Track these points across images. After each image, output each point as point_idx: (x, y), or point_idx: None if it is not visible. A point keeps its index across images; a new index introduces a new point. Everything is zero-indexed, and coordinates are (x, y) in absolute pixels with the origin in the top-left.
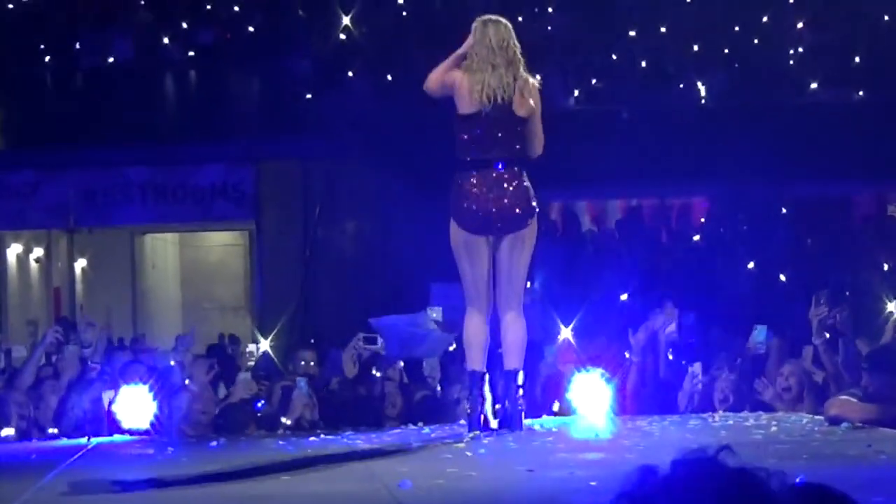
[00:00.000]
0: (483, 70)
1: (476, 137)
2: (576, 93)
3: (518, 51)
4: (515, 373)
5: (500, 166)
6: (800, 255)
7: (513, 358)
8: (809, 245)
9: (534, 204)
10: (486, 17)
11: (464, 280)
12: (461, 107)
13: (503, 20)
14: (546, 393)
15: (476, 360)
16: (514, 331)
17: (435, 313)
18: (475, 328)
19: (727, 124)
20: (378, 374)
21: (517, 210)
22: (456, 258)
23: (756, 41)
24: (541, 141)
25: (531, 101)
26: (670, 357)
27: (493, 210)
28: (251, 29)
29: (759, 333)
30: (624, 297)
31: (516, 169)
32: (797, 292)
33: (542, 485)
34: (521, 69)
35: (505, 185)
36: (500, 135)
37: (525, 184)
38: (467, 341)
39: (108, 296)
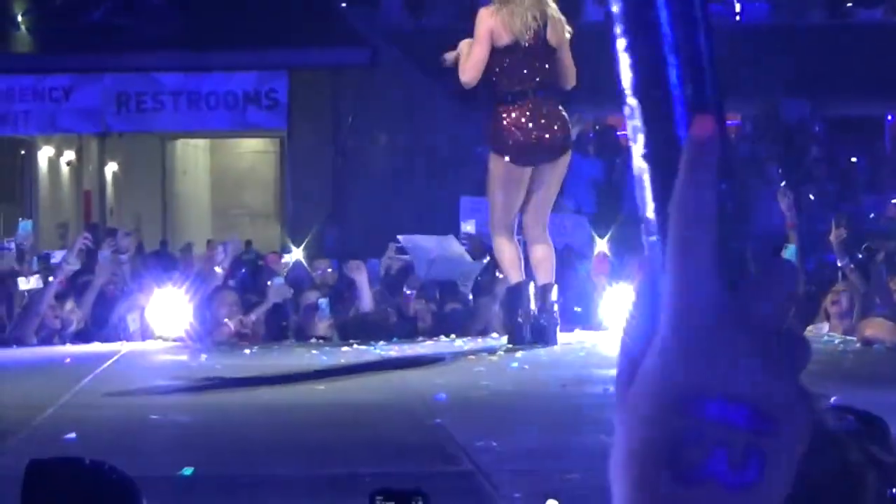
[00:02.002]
0: (515, 2)
1: (513, 68)
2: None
3: None
4: (549, 287)
5: (539, 94)
6: (832, 175)
7: (545, 273)
8: (842, 166)
9: (571, 132)
10: None
11: (495, 206)
12: (496, 40)
13: None
14: (579, 305)
15: (514, 274)
16: (544, 249)
17: (469, 226)
18: (510, 250)
19: (762, 43)
20: (408, 292)
21: (558, 138)
22: (491, 187)
23: None
24: (573, 73)
25: (562, 33)
26: None
27: (536, 140)
28: None
29: (788, 252)
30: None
31: (554, 98)
32: (824, 213)
33: (575, 402)
34: (551, 2)
35: (546, 115)
36: (536, 65)
37: (563, 112)
38: (504, 263)
39: (138, 201)
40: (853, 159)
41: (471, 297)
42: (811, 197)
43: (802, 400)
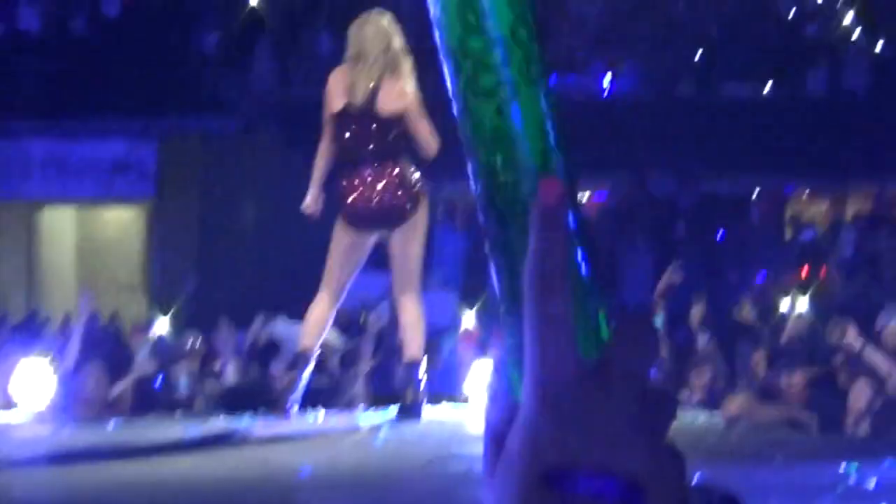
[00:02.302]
0: (352, 68)
1: (347, 134)
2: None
3: (399, 48)
4: (416, 363)
5: (374, 164)
6: (697, 251)
7: (413, 347)
8: (709, 241)
9: (416, 193)
10: (367, 14)
11: (328, 264)
12: (331, 105)
13: (385, 16)
14: (445, 381)
15: (306, 340)
16: (413, 321)
17: None
18: (318, 311)
19: (630, 116)
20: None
21: (397, 204)
22: (333, 248)
23: (662, 35)
24: (426, 142)
25: (399, 103)
26: None
27: (373, 207)
28: (157, 3)
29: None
30: None
31: (392, 164)
32: (691, 287)
33: (440, 479)
34: (401, 67)
35: (382, 182)
36: (368, 132)
37: (406, 176)
38: (306, 320)
39: (3, 269)
40: (720, 234)
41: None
42: (678, 271)
43: (673, 460)
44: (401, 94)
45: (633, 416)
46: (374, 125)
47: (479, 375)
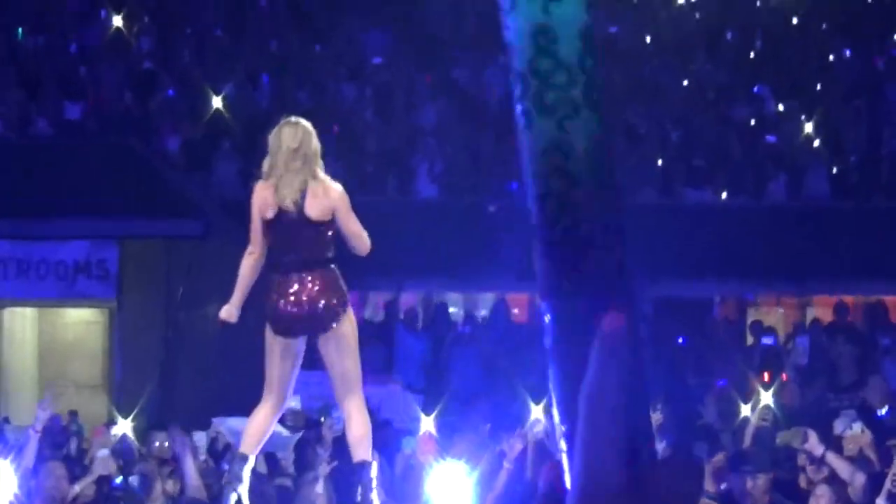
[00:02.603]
0: (276, 175)
1: (275, 241)
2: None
3: (317, 153)
4: (366, 465)
5: (300, 270)
6: (659, 355)
7: (361, 450)
8: (670, 346)
9: (339, 300)
10: (284, 121)
11: (267, 372)
12: (262, 214)
13: (302, 122)
14: (404, 484)
15: (247, 444)
16: (358, 423)
17: (294, 401)
18: (260, 416)
19: None
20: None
21: (322, 309)
22: (267, 352)
23: (624, 141)
24: (359, 239)
25: (327, 203)
26: None
27: (297, 312)
28: (120, 106)
29: None
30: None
31: (318, 270)
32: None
33: None
34: (320, 172)
35: (308, 287)
36: (296, 238)
37: (332, 282)
38: (248, 424)
39: None
40: (680, 340)
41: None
42: None
43: None
44: (327, 193)
45: None
46: (306, 230)
47: (439, 478)
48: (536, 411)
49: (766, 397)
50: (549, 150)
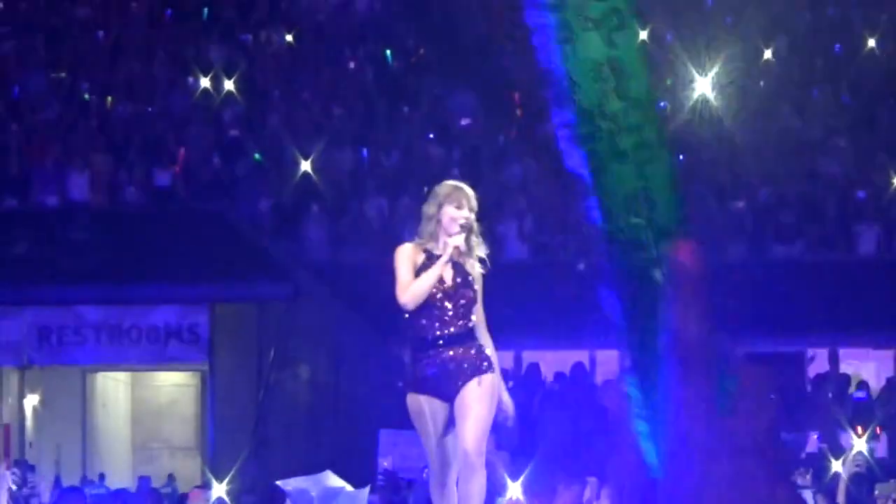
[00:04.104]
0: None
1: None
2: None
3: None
4: None
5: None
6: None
7: None
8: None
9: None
10: (454, 182)
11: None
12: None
13: (466, 187)
14: None
15: None
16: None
17: (386, 462)
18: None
19: None
20: None
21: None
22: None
23: (713, 199)
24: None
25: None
26: None
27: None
28: (207, 172)
29: None
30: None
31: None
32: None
33: None
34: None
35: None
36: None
37: None
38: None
39: (58, 434)
40: (772, 396)
41: None
42: None
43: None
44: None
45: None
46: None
47: None
48: None
49: (860, 444)
50: (630, 196)
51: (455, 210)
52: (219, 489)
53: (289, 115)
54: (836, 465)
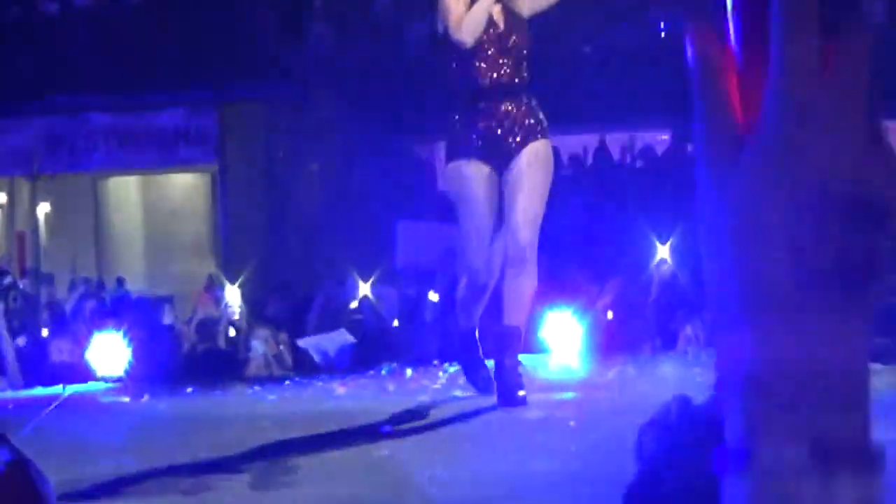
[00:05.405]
0: None
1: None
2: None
3: None
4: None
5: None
6: None
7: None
8: None
9: None
10: None
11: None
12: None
13: None
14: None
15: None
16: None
17: (404, 254)
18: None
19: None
20: None
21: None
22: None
23: None
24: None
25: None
26: None
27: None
28: None
29: None
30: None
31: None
32: None
33: (521, 428)
34: None
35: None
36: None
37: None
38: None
39: (71, 239)
40: None
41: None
42: None
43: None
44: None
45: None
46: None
47: (555, 324)
48: (663, 251)
49: None
50: None
51: None
52: (231, 292)
53: None
54: None
